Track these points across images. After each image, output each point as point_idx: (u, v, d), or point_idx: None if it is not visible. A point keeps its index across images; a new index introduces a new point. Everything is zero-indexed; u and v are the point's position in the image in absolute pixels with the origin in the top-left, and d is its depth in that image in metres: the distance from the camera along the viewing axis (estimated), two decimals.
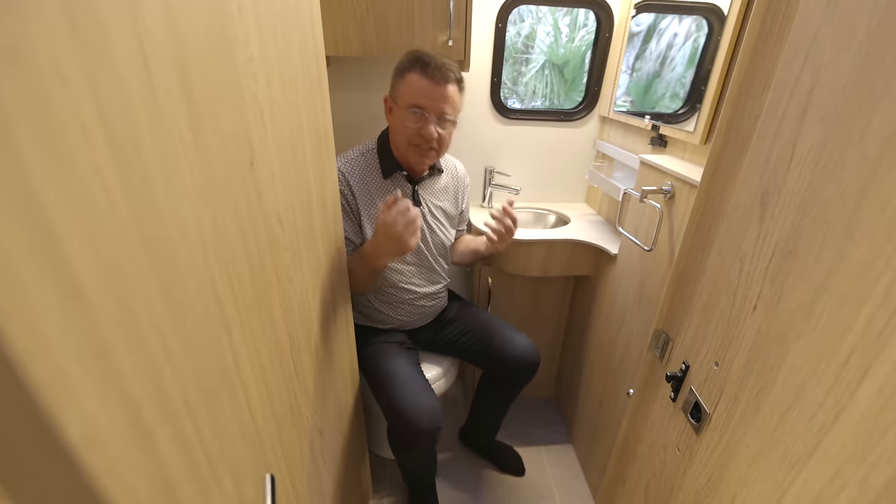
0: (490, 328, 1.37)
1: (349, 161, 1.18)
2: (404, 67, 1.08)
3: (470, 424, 1.66)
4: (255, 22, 0.53)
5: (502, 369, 1.35)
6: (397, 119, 1.12)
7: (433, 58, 1.06)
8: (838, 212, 0.42)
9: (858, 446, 0.38)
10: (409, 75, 1.06)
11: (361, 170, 1.18)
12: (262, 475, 0.55)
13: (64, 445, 0.22)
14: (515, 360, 1.31)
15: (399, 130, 1.12)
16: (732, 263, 0.58)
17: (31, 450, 0.21)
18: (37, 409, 0.20)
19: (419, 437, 1.13)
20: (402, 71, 1.08)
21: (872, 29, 0.40)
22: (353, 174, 1.16)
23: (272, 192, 0.59)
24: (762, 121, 0.54)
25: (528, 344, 1.34)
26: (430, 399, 1.16)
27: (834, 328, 0.41)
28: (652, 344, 0.81)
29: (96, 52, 0.27)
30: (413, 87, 1.06)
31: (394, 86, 1.11)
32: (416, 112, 1.08)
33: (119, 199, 0.28)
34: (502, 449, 1.67)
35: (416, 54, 1.07)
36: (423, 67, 1.05)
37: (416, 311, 1.34)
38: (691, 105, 1.17)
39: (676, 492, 0.70)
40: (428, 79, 1.05)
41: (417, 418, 1.11)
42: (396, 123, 1.13)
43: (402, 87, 1.08)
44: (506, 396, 1.47)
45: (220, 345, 0.44)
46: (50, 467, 0.22)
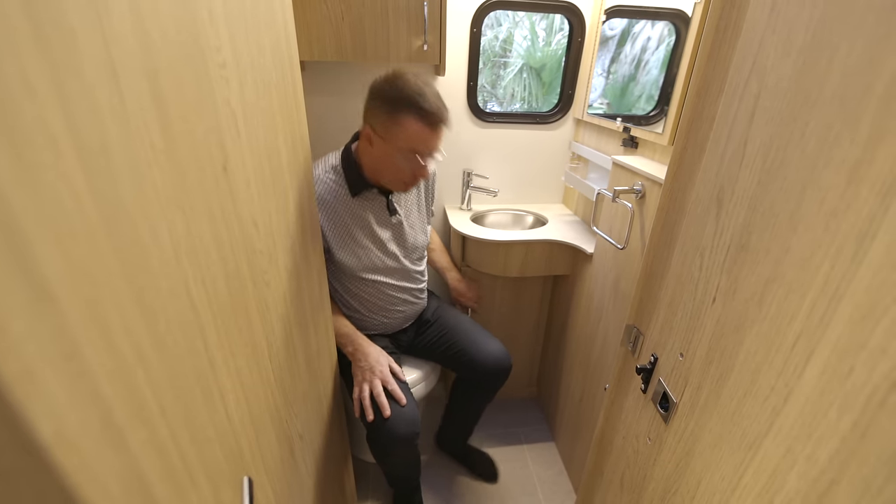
0: (465, 333, 1.37)
1: (325, 178, 1.13)
2: (396, 106, 0.99)
3: (443, 429, 1.65)
4: (227, 27, 0.53)
5: (474, 374, 1.35)
6: (383, 155, 1.06)
7: (426, 98, 1.00)
8: (784, 207, 0.45)
9: (805, 425, 0.41)
10: (405, 119, 1.00)
11: (328, 191, 1.12)
12: (240, 478, 0.56)
13: (36, 443, 0.23)
14: (487, 366, 1.32)
15: (386, 166, 1.08)
16: (693, 258, 0.61)
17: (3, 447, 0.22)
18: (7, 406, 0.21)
19: (397, 443, 1.13)
20: (394, 110, 1.00)
21: (808, 38, 0.42)
22: (319, 198, 1.10)
23: (247, 197, 0.60)
24: (717, 122, 0.57)
25: (500, 349, 1.34)
26: (409, 405, 1.16)
27: (782, 315, 0.44)
28: (624, 338, 0.83)
29: (63, 61, 0.27)
30: (411, 134, 1.02)
31: (380, 121, 1.02)
32: (411, 156, 1.05)
33: (88, 204, 0.29)
34: (475, 454, 1.68)
35: (406, 92, 0.99)
36: (420, 113, 1.00)
37: (398, 315, 1.35)
38: (661, 108, 1.21)
39: (648, 480, 0.73)
40: (426, 125, 1.01)
41: (394, 425, 1.11)
42: (382, 158, 1.07)
43: (397, 129, 1.01)
44: (478, 402, 1.48)
45: (194, 348, 0.45)
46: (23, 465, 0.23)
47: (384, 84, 1.00)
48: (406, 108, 0.99)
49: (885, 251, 0.34)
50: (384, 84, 1.00)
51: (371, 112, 1.03)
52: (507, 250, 1.54)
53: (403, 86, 0.99)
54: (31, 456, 0.23)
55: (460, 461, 1.68)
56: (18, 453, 0.22)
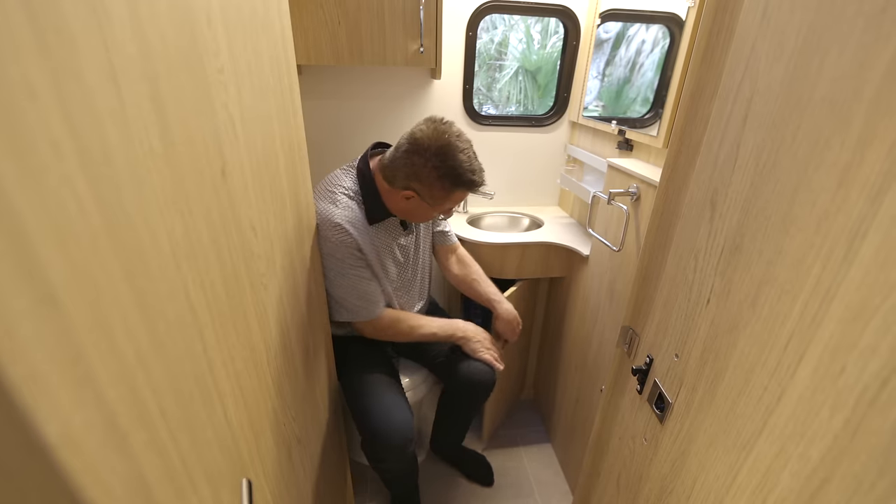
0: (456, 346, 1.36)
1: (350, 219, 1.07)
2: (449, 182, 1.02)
3: (435, 436, 1.64)
4: (225, 33, 0.54)
5: (458, 386, 1.35)
6: (420, 209, 1.10)
7: (476, 173, 1.04)
8: (776, 209, 0.45)
9: (798, 424, 0.42)
10: (456, 192, 1.05)
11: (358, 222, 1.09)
12: (239, 481, 0.56)
13: (42, 444, 0.23)
14: (471, 379, 1.31)
15: (418, 215, 1.13)
16: (688, 260, 0.61)
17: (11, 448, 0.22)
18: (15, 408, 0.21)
19: (389, 451, 1.14)
20: (447, 186, 1.03)
21: (799, 43, 0.43)
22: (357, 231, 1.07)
23: (245, 201, 0.60)
24: (710, 125, 0.58)
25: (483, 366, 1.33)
26: (402, 413, 1.16)
27: (775, 316, 0.45)
28: (620, 340, 0.84)
29: (65, 67, 0.28)
30: (456, 200, 1.09)
31: (428, 189, 1.04)
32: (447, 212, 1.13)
33: (90, 208, 0.29)
34: (471, 458, 1.68)
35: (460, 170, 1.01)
36: (471, 186, 1.04)
37: None
38: (656, 110, 1.22)
39: (644, 480, 0.73)
40: (472, 191, 1.07)
41: (387, 434, 1.11)
42: (416, 210, 1.11)
43: (444, 199, 1.06)
44: (463, 412, 1.48)
45: (193, 351, 0.45)
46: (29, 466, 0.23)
47: (438, 158, 1.00)
48: (459, 185, 1.03)
49: (875, 252, 0.35)
50: (438, 158, 1.00)
51: (418, 178, 1.03)
52: (503, 253, 1.55)
53: (457, 161, 1.01)
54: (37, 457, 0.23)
55: (455, 466, 1.68)
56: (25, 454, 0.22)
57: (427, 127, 1.01)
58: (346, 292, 1.12)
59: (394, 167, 1.05)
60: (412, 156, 1.01)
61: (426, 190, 1.05)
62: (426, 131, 1.01)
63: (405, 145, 1.03)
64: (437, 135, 1.00)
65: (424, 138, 1.00)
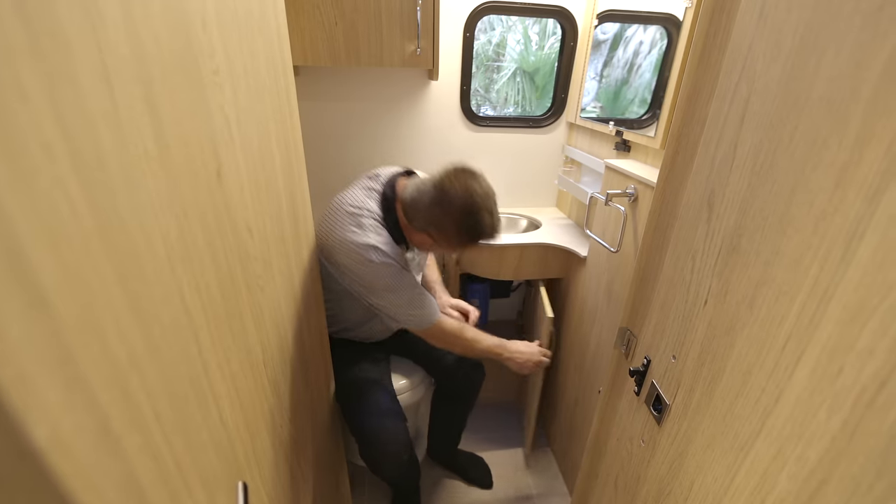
0: None
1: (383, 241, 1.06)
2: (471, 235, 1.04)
3: (431, 440, 1.64)
4: (220, 34, 0.53)
5: (449, 380, 1.37)
6: (430, 247, 1.13)
7: (496, 231, 1.05)
8: (773, 210, 0.45)
9: (796, 426, 0.41)
10: (474, 244, 1.07)
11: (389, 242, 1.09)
12: (235, 483, 0.55)
13: (32, 448, 0.23)
14: (461, 371, 1.34)
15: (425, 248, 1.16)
16: (685, 261, 0.61)
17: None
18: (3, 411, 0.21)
19: (385, 460, 1.15)
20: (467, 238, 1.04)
21: (796, 43, 0.43)
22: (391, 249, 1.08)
23: (241, 202, 0.60)
24: (708, 126, 0.58)
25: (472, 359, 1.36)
26: (395, 421, 1.16)
27: (772, 317, 0.45)
28: (618, 341, 0.84)
29: (58, 69, 0.28)
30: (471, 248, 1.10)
31: (447, 238, 1.06)
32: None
33: (83, 210, 0.29)
34: (468, 460, 1.67)
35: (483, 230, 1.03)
36: (488, 240, 1.06)
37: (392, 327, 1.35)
38: (653, 111, 1.22)
39: (642, 482, 0.73)
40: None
41: (383, 444, 1.13)
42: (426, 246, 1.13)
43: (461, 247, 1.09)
44: (457, 412, 1.49)
45: (189, 353, 0.45)
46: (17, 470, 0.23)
47: (463, 215, 1.00)
48: (477, 241, 1.05)
49: (873, 253, 0.35)
50: (463, 215, 1.00)
51: (441, 228, 1.04)
52: (501, 254, 1.55)
53: (479, 222, 1.01)
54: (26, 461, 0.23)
55: (453, 469, 1.67)
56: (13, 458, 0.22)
57: (457, 181, 1.00)
58: (405, 306, 1.11)
59: (415, 209, 1.05)
60: (436, 206, 1.01)
61: (443, 238, 1.06)
62: (455, 186, 1.00)
63: (431, 192, 1.02)
64: (465, 193, 0.99)
65: (452, 193, 0.99)
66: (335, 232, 1.03)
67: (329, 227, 1.05)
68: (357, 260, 1.02)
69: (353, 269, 1.03)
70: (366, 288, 1.07)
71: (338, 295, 1.20)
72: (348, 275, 1.06)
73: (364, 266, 1.03)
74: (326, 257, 1.07)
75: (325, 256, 1.07)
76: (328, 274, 1.12)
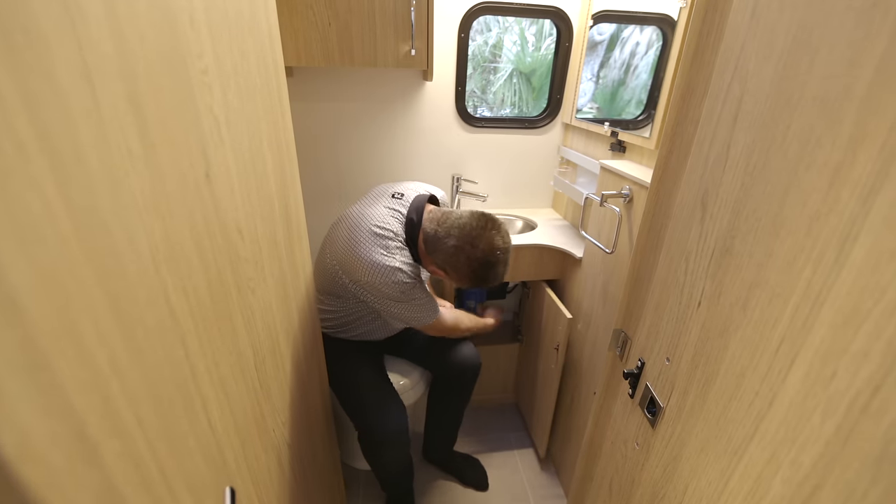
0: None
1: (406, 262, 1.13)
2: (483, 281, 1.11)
3: (427, 439, 1.64)
4: (209, 33, 0.53)
5: (446, 371, 1.41)
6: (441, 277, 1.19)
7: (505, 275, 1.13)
8: (766, 210, 0.45)
9: (790, 430, 0.41)
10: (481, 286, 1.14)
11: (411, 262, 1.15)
12: (224, 489, 0.55)
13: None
14: (457, 363, 1.38)
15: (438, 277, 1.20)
16: (679, 262, 0.61)
17: None
18: None
19: (387, 443, 1.16)
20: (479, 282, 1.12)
21: (789, 42, 0.43)
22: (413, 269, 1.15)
23: (231, 204, 0.59)
24: (701, 126, 0.57)
25: (470, 349, 1.41)
26: (397, 407, 1.20)
27: (766, 320, 0.44)
28: (612, 343, 0.83)
29: (33, 65, 0.27)
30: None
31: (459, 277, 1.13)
32: None
33: (59, 211, 0.28)
34: (464, 461, 1.67)
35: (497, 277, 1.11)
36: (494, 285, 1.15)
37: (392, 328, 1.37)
38: (649, 112, 1.22)
39: (636, 485, 0.72)
40: None
41: (384, 427, 1.15)
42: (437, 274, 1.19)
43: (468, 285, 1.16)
44: (454, 405, 1.50)
45: (174, 357, 0.44)
46: None
47: (481, 266, 1.08)
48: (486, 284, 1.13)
49: (866, 255, 0.34)
50: (481, 266, 1.08)
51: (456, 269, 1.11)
52: None
53: (494, 273, 1.10)
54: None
55: (449, 470, 1.66)
56: None
57: (484, 236, 1.07)
58: (416, 311, 1.18)
59: (437, 247, 1.11)
60: (459, 253, 1.08)
61: (456, 276, 1.13)
62: (482, 240, 1.07)
63: (455, 237, 1.08)
64: (489, 249, 1.07)
65: (477, 245, 1.06)
66: (360, 251, 1.07)
67: (352, 246, 1.09)
68: (383, 281, 1.08)
69: (376, 286, 1.09)
70: (383, 300, 1.13)
71: (343, 300, 1.22)
72: (368, 290, 1.11)
73: (389, 287, 1.09)
74: (347, 273, 1.11)
75: (346, 272, 1.11)
76: (338, 282, 1.15)
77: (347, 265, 1.10)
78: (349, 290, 1.16)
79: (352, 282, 1.12)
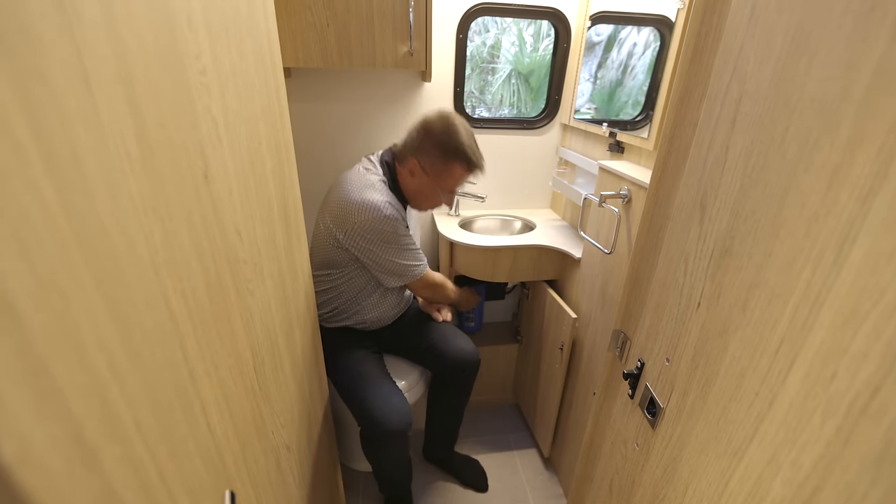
0: (439, 331, 1.44)
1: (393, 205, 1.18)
2: (450, 155, 1.16)
3: (428, 438, 1.65)
4: (207, 34, 0.53)
5: (444, 368, 1.41)
6: (423, 187, 1.22)
7: (475, 151, 1.19)
8: (765, 212, 0.45)
9: (790, 431, 0.41)
10: (455, 166, 1.18)
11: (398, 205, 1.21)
12: (223, 492, 0.54)
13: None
14: (456, 359, 1.39)
15: (424, 196, 1.25)
16: (678, 263, 0.61)
17: None
18: None
19: (390, 436, 1.16)
20: (448, 158, 1.16)
21: (787, 44, 0.43)
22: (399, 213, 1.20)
23: (229, 205, 0.59)
24: (700, 127, 0.58)
25: (468, 345, 1.42)
26: (400, 399, 1.21)
27: (765, 321, 0.44)
28: (612, 343, 0.83)
29: (29, 67, 0.27)
30: (456, 177, 1.21)
31: (431, 162, 1.18)
32: (447, 192, 1.25)
33: (57, 214, 0.28)
34: (464, 462, 1.67)
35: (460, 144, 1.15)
36: (468, 164, 1.18)
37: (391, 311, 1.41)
38: (647, 112, 1.22)
39: (637, 486, 0.72)
40: (469, 172, 1.21)
41: (388, 417, 1.15)
42: (421, 189, 1.23)
43: (445, 173, 1.19)
44: (454, 402, 1.50)
45: (174, 360, 0.44)
46: None
47: (441, 133, 1.15)
48: (458, 159, 1.17)
49: (865, 255, 0.34)
50: (441, 133, 1.15)
51: (423, 151, 1.18)
52: (495, 256, 1.54)
53: (458, 138, 1.15)
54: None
55: (449, 471, 1.66)
56: None
57: (439, 112, 1.17)
58: (408, 259, 1.25)
59: (403, 145, 1.22)
60: (419, 132, 1.17)
61: (427, 161, 1.18)
62: (437, 115, 1.16)
63: (416, 125, 1.18)
64: (445, 118, 1.15)
65: (433, 119, 1.16)
66: (350, 195, 1.14)
67: (342, 196, 1.15)
68: (372, 217, 1.13)
69: (367, 225, 1.14)
70: (374, 246, 1.18)
71: (339, 269, 1.26)
72: (359, 235, 1.16)
73: (378, 222, 1.14)
74: (339, 224, 1.16)
75: (338, 224, 1.16)
76: (333, 244, 1.20)
77: (339, 216, 1.15)
78: (344, 252, 1.21)
79: (345, 235, 1.17)
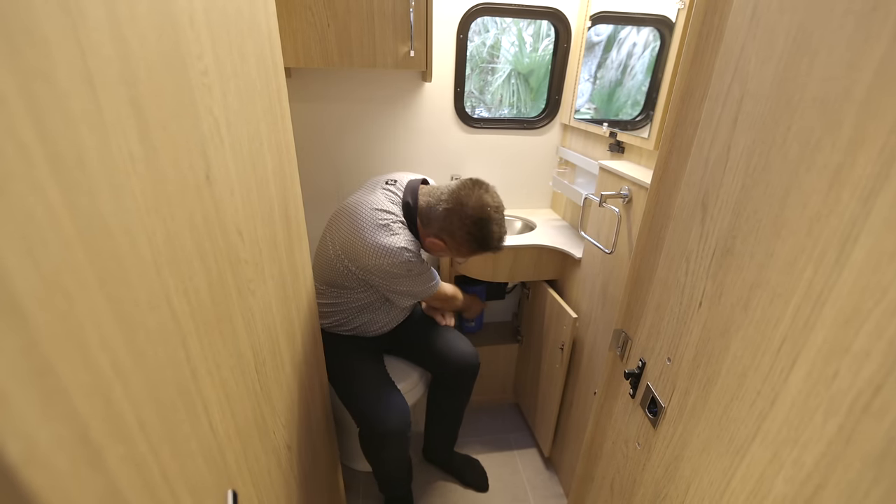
0: (440, 333, 1.45)
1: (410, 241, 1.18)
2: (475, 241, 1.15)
3: (427, 439, 1.65)
4: (209, 35, 0.53)
5: (444, 370, 1.41)
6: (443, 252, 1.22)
7: (501, 237, 1.17)
8: (767, 211, 0.45)
9: (792, 429, 0.41)
10: (479, 252, 1.19)
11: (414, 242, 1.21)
12: (225, 491, 0.55)
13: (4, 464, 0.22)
14: (456, 362, 1.39)
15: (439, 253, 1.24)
16: (680, 263, 0.61)
17: None
18: None
19: (389, 437, 1.17)
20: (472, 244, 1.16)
21: (788, 44, 0.43)
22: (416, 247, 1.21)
23: (231, 205, 0.59)
24: (701, 127, 0.58)
25: (469, 348, 1.42)
26: (399, 400, 1.22)
27: (767, 320, 0.44)
28: (613, 343, 0.83)
29: (35, 69, 0.27)
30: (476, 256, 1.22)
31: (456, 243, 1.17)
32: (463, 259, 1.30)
33: (62, 215, 0.28)
34: (465, 462, 1.67)
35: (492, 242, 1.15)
36: (495, 251, 1.19)
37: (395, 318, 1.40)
38: (647, 112, 1.22)
39: (638, 485, 0.73)
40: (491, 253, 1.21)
41: (386, 418, 1.16)
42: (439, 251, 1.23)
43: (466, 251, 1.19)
44: (454, 404, 1.51)
45: (176, 360, 0.44)
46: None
47: (473, 225, 1.13)
48: (485, 250, 1.18)
49: (867, 255, 0.35)
50: (473, 225, 1.13)
51: (450, 233, 1.16)
52: (495, 256, 1.54)
53: (489, 233, 1.14)
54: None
55: (449, 471, 1.66)
56: None
57: (472, 194, 1.12)
58: (422, 285, 1.26)
59: (430, 216, 1.17)
60: (451, 215, 1.13)
61: (454, 244, 1.18)
62: (470, 198, 1.12)
63: (446, 202, 1.14)
64: (478, 205, 1.11)
65: (466, 204, 1.12)
66: (365, 237, 1.12)
67: (356, 232, 1.13)
68: (391, 262, 1.13)
69: (385, 268, 1.14)
70: (391, 280, 1.18)
71: (349, 290, 1.25)
72: (376, 273, 1.15)
73: (397, 267, 1.14)
74: (353, 260, 1.15)
75: (352, 259, 1.15)
76: (343, 271, 1.18)
77: (353, 252, 1.13)
78: (355, 278, 1.20)
79: (358, 268, 1.16)
